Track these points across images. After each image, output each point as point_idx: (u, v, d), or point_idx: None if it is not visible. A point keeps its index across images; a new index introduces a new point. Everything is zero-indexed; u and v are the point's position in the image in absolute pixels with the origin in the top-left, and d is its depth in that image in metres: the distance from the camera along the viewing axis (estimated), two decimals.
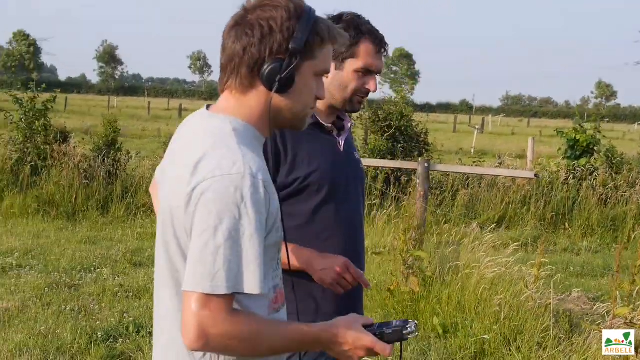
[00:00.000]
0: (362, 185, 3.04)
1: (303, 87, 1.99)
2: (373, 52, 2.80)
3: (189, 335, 1.78)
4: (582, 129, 13.68)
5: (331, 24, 2.03)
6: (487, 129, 53.91)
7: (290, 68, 1.92)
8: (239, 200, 1.79)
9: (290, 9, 1.92)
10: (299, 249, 2.68)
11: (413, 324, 2.03)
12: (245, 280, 1.79)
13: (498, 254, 7.47)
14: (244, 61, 1.94)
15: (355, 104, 2.86)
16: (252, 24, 1.92)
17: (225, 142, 1.90)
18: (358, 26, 2.79)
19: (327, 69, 2.07)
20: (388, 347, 1.98)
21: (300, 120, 2.07)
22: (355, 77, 2.80)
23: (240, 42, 1.93)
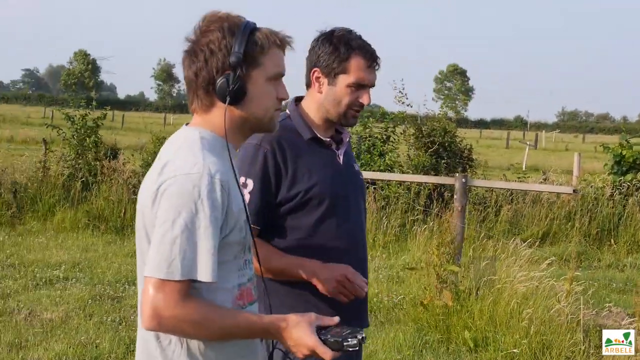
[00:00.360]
0: (363, 196, 3.14)
1: (258, 93, 2.20)
2: (364, 67, 2.88)
3: (144, 316, 1.99)
4: (628, 144, 13.55)
5: (271, 31, 2.21)
6: (541, 145, 53.36)
7: (236, 80, 2.12)
8: (196, 197, 2.00)
9: (224, 29, 2.14)
10: (303, 261, 2.80)
11: (356, 340, 2.13)
12: (199, 269, 1.99)
13: (535, 269, 7.47)
14: (199, 84, 2.18)
15: (349, 118, 2.95)
16: (196, 50, 2.16)
17: (190, 147, 2.12)
18: (348, 42, 2.88)
19: (279, 72, 2.24)
20: (329, 353, 2.10)
21: (267, 123, 2.27)
22: (348, 92, 2.89)
23: (191, 69, 2.17)
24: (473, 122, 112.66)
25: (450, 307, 6.76)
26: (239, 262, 2.19)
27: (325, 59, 2.89)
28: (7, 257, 9.14)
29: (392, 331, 6.78)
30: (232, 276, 2.16)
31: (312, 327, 2.13)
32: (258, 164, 2.80)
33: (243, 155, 2.84)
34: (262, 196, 2.80)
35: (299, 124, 2.93)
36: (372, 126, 13.89)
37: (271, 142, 2.81)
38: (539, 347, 5.85)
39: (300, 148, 2.87)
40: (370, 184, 12.55)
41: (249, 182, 2.79)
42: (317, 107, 2.95)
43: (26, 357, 5.76)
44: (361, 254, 3.03)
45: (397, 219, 11.66)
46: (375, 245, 10.97)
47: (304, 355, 2.14)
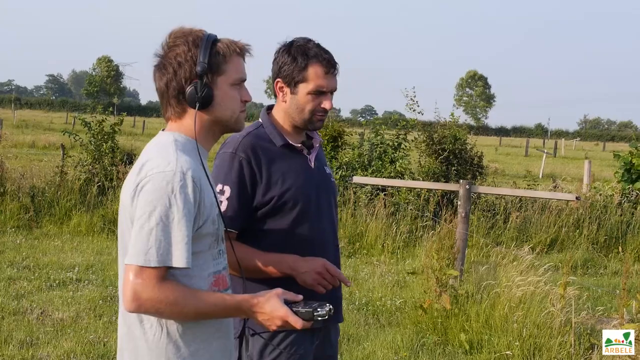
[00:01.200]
0: (335, 198, 3.34)
1: (224, 98, 2.45)
2: (322, 74, 3.07)
3: (125, 299, 2.23)
4: (637, 152, 13.62)
5: (231, 41, 2.47)
6: (560, 153, 53.22)
7: (203, 87, 2.38)
8: (170, 192, 2.24)
9: (189, 42, 2.40)
10: (282, 257, 3.01)
11: (326, 310, 2.39)
12: (174, 256, 2.23)
13: (536, 274, 7.60)
14: (170, 94, 2.44)
15: (315, 122, 3.14)
16: (165, 64, 2.42)
17: (165, 149, 2.37)
18: (305, 51, 3.07)
19: (241, 77, 2.50)
20: (300, 321, 2.35)
21: (234, 124, 2.53)
22: (310, 99, 3.08)
23: (162, 81, 2.43)
24: (494, 130, 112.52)
25: (448, 310, 6.93)
26: (213, 251, 2.44)
27: (285, 69, 3.09)
28: (23, 259, 9.40)
29: (391, 333, 6.97)
30: (207, 265, 2.40)
31: (281, 299, 2.37)
32: (234, 171, 3.00)
33: (220, 163, 3.06)
34: (239, 201, 3.00)
35: (271, 132, 3.13)
36: (383, 133, 14.08)
37: (246, 150, 3.03)
38: (531, 349, 6.00)
39: (274, 155, 3.08)
40: (380, 190, 12.74)
41: (226, 188, 3.00)
42: (284, 115, 3.16)
43: (36, 354, 5.99)
44: (333, 254, 3.23)
45: (407, 225, 11.84)
46: (384, 250, 11.16)
47: (277, 327, 2.37)
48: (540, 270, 7.24)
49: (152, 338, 2.34)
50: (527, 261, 7.90)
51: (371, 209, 12.10)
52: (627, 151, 13.92)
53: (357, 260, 10.75)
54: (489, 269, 7.69)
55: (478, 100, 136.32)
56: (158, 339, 2.34)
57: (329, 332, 3.30)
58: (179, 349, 2.35)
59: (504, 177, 25.14)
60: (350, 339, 6.82)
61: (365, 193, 12.70)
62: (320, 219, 3.16)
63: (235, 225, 2.99)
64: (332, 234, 3.25)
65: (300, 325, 2.35)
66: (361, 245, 11.40)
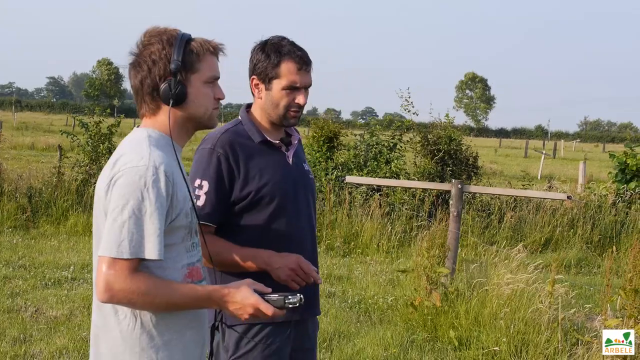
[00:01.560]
0: (313, 194, 3.40)
1: (197, 95, 2.53)
2: (294, 70, 3.13)
3: (98, 290, 2.30)
4: (632, 152, 13.69)
5: (205, 40, 2.54)
6: (559, 155, 53.27)
7: (177, 84, 2.45)
8: (143, 186, 2.31)
9: (163, 41, 2.47)
10: (257, 252, 3.07)
11: (297, 298, 2.46)
12: (146, 248, 2.30)
13: (526, 272, 7.67)
14: (145, 91, 2.51)
15: (290, 119, 3.20)
16: (140, 62, 2.49)
17: (139, 144, 2.44)
18: (278, 49, 3.14)
19: (214, 75, 2.57)
20: (271, 308, 2.42)
21: (207, 120, 2.60)
22: (284, 95, 3.14)
23: (137, 78, 2.50)
24: (494, 132, 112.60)
25: (438, 307, 7.00)
26: (187, 244, 2.51)
27: (259, 66, 3.17)
28: (19, 258, 9.47)
29: (382, 330, 7.04)
30: (180, 257, 2.47)
31: (252, 288, 2.44)
32: (212, 167, 3.07)
33: (198, 159, 3.13)
34: (217, 196, 3.07)
35: (250, 129, 3.20)
36: (379, 134, 14.16)
37: (224, 146, 3.10)
38: (519, 345, 6.07)
39: (252, 151, 3.15)
40: (375, 190, 12.81)
41: (204, 183, 3.07)
42: (261, 112, 3.22)
43: (29, 350, 6.06)
44: (310, 250, 3.29)
45: (402, 225, 11.90)
46: (379, 250, 11.23)
47: (249, 315, 2.43)
48: (530, 269, 7.29)
49: (126, 328, 2.41)
50: (517, 260, 7.95)
51: (366, 209, 12.17)
52: (622, 151, 13.99)
53: (352, 259, 10.82)
54: (479, 267, 7.76)
55: (478, 102, 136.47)
56: (132, 329, 2.41)
57: (306, 325, 3.35)
58: (153, 339, 2.42)
59: (501, 178, 25.20)
60: (341, 336, 6.89)
61: (361, 193, 12.77)
62: (297, 215, 3.22)
63: (212, 220, 3.06)
64: (310, 230, 3.31)
65: (271, 312, 2.41)
66: (356, 244, 11.47)
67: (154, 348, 2.42)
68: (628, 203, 12.94)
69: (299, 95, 3.16)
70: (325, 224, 11.92)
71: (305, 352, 3.39)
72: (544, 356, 5.75)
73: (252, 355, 3.15)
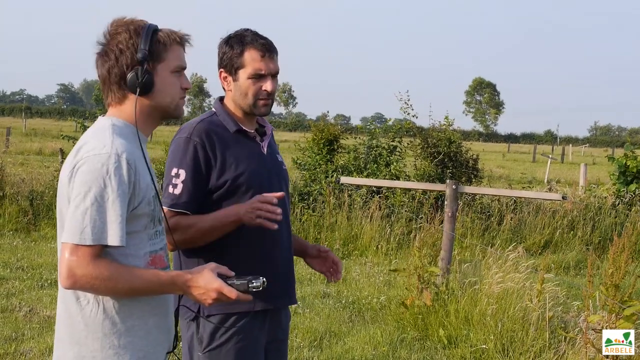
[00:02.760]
0: (286, 184, 3.42)
1: (164, 85, 2.56)
2: (258, 57, 3.17)
3: (61, 276, 2.34)
4: (632, 155, 13.70)
5: (171, 31, 2.58)
6: (568, 159, 53.18)
7: (144, 73, 2.48)
8: (105, 174, 2.34)
9: (130, 30, 2.50)
10: (226, 210, 3.09)
11: (260, 281, 2.49)
12: (108, 235, 2.33)
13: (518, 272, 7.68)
14: (112, 80, 2.53)
15: (260, 107, 3.22)
16: (107, 51, 2.52)
17: (102, 132, 2.47)
18: (242, 39, 3.19)
19: (180, 65, 2.60)
20: (235, 292, 2.43)
21: (174, 110, 2.63)
22: (251, 83, 3.18)
23: (104, 67, 2.53)
24: (503, 137, 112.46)
25: (429, 306, 7.02)
26: (149, 232, 2.53)
27: (225, 58, 3.21)
28: (17, 259, 9.54)
29: (372, 329, 7.06)
30: (143, 244, 2.50)
31: (215, 272, 2.46)
32: (189, 155, 3.10)
33: (175, 148, 3.16)
34: (194, 184, 3.10)
35: (225, 119, 3.24)
36: (378, 137, 14.19)
37: (200, 134, 3.13)
38: (507, 343, 6.09)
39: (228, 140, 3.19)
40: (375, 193, 12.83)
41: (181, 172, 3.10)
42: (233, 104, 3.26)
43: (19, 348, 6.11)
44: (286, 239, 3.32)
45: (401, 227, 11.92)
46: (378, 252, 11.25)
47: (213, 300, 2.45)
48: (523, 268, 7.30)
49: (89, 314, 2.43)
50: (511, 260, 7.96)
51: (366, 211, 12.19)
52: (622, 154, 14.00)
53: (351, 261, 10.83)
54: (473, 267, 7.78)
55: (487, 107, 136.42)
56: (95, 315, 2.43)
57: (279, 316, 3.38)
58: (115, 325, 2.45)
59: (505, 182, 25.16)
60: (332, 335, 6.92)
61: (361, 196, 12.79)
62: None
63: (189, 208, 3.09)
64: (285, 220, 3.29)
65: (235, 295, 2.43)
66: (355, 247, 11.49)
67: (117, 334, 2.45)
68: (628, 205, 12.93)
69: (265, 82, 3.19)
70: (325, 226, 11.95)
71: (279, 343, 3.41)
72: (530, 353, 5.76)
73: (226, 347, 3.17)
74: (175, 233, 3.07)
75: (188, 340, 3.24)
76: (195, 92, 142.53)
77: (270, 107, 3.28)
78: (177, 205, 3.09)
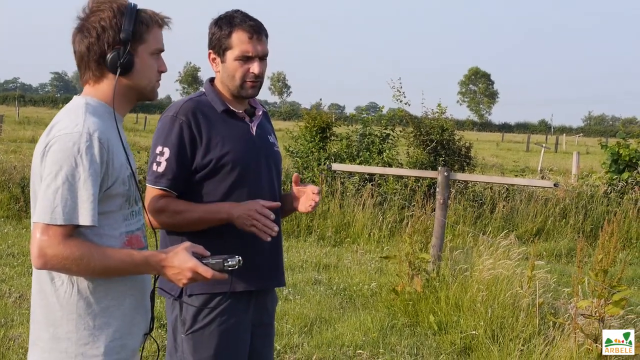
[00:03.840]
0: (277, 166, 3.38)
1: (143, 66, 2.53)
2: (246, 39, 3.13)
3: (32, 256, 2.30)
4: (625, 143, 13.69)
5: (153, 12, 2.55)
6: (561, 149, 53.22)
7: (126, 54, 2.45)
8: (76, 153, 2.30)
9: (114, 9, 2.46)
10: (218, 205, 3.08)
11: (236, 260, 2.46)
12: (80, 215, 2.30)
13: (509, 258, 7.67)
14: (91, 58, 2.49)
15: (247, 89, 3.20)
16: (89, 27, 2.47)
17: (75, 111, 2.44)
18: (230, 20, 3.15)
19: (159, 47, 2.58)
20: (210, 271, 2.41)
21: (150, 92, 2.61)
22: (238, 65, 3.15)
23: (83, 43, 2.48)
24: (497, 126, 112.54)
25: (420, 293, 7.01)
26: (125, 212, 2.50)
27: (213, 39, 3.19)
28: (8, 246, 9.50)
29: (363, 315, 7.06)
30: (118, 225, 2.47)
31: (190, 252, 2.44)
32: (174, 134, 3.08)
33: (161, 126, 3.14)
34: (178, 163, 3.08)
35: (213, 99, 3.21)
36: (371, 125, 14.17)
37: (186, 113, 3.11)
38: (497, 329, 6.08)
39: (214, 119, 3.16)
40: (367, 180, 12.83)
41: (165, 150, 3.08)
42: (221, 85, 3.24)
43: (8, 334, 6.10)
44: (274, 220, 3.28)
45: (393, 214, 11.92)
46: (370, 240, 11.24)
47: (188, 280, 2.43)
48: (514, 255, 7.30)
49: (63, 295, 2.41)
50: (502, 247, 7.96)
51: (358, 199, 12.17)
52: (615, 142, 14.00)
53: (343, 249, 10.83)
54: (464, 254, 7.77)
55: (482, 97, 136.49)
56: (69, 296, 2.41)
57: (265, 299, 3.36)
58: (90, 306, 2.43)
59: (499, 170, 25.16)
60: (323, 321, 6.91)
61: (353, 183, 12.78)
62: (259, 186, 3.22)
63: (173, 186, 3.08)
64: (273, 200, 3.27)
65: (210, 275, 2.41)
66: (347, 234, 11.48)
67: (91, 315, 2.43)
68: (620, 193, 12.93)
69: (253, 64, 3.16)
70: (317, 213, 11.93)
71: (266, 326, 3.40)
72: (519, 339, 5.76)
73: (209, 329, 3.15)
74: (162, 215, 3.06)
75: (172, 322, 3.22)
76: (189, 80, 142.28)
77: (259, 89, 3.25)
78: (160, 183, 3.07)
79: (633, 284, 9.56)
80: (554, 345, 5.43)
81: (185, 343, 3.16)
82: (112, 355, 2.47)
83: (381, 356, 6.01)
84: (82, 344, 2.43)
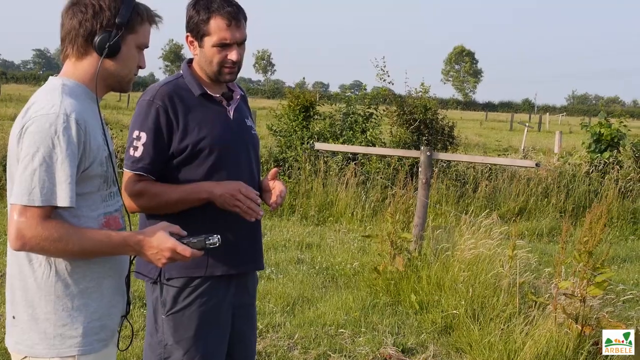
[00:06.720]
0: (255, 149, 3.36)
1: (128, 55, 2.54)
2: (224, 26, 3.09)
3: (10, 237, 2.31)
4: (607, 123, 13.75)
5: (149, 8, 2.56)
6: (545, 128, 53.38)
7: (116, 37, 2.46)
8: (53, 134, 2.30)
9: None
10: (198, 185, 3.07)
11: (217, 237, 2.49)
12: (58, 196, 2.29)
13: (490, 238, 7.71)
14: (80, 33, 2.48)
15: (225, 75, 3.17)
16: (86, 3, 2.47)
17: (52, 92, 2.43)
18: (208, 5, 3.10)
19: (146, 43, 2.59)
20: (189, 250, 2.43)
21: (126, 83, 2.60)
22: (216, 52, 3.12)
23: (76, 18, 2.48)
24: (481, 105, 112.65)
25: (402, 272, 7.04)
26: (103, 193, 2.51)
27: (191, 23, 3.14)
28: None
29: (345, 294, 7.09)
30: (96, 206, 2.48)
31: (167, 232, 2.45)
32: (150, 118, 3.05)
33: (138, 110, 3.11)
34: (155, 148, 3.05)
35: (190, 82, 3.18)
36: (354, 104, 14.15)
37: (163, 98, 3.08)
38: (477, 308, 6.12)
39: (191, 103, 3.13)
40: (350, 159, 12.83)
41: (142, 135, 3.05)
42: (199, 68, 3.21)
43: None
44: None
45: (376, 193, 11.94)
46: (353, 219, 11.27)
47: (167, 259, 2.45)
48: (496, 235, 7.33)
49: (41, 276, 2.41)
50: (484, 227, 7.99)
51: (341, 178, 12.19)
52: (597, 122, 14.06)
53: (326, 228, 10.86)
54: (447, 234, 7.80)
55: (466, 76, 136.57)
56: (47, 277, 2.41)
57: (246, 280, 3.36)
58: (68, 287, 2.43)
59: (482, 149, 25.23)
60: (305, 300, 6.93)
61: (336, 162, 12.79)
62: (238, 170, 3.20)
63: (150, 171, 3.06)
64: (252, 184, 3.23)
65: (189, 253, 2.43)
66: (330, 213, 11.51)
67: (69, 296, 2.44)
68: (602, 173, 13.01)
69: (231, 51, 3.13)
70: (300, 193, 11.94)
71: (247, 307, 3.40)
72: (500, 319, 5.80)
73: (189, 310, 3.15)
74: (141, 199, 3.04)
75: (153, 303, 3.22)
76: (172, 58, 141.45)
77: (236, 74, 3.23)
78: (137, 167, 3.05)
79: (612, 262, 9.63)
80: (535, 324, 5.47)
81: (166, 324, 3.16)
82: (91, 336, 2.49)
83: (363, 335, 6.04)
84: (61, 325, 2.44)
